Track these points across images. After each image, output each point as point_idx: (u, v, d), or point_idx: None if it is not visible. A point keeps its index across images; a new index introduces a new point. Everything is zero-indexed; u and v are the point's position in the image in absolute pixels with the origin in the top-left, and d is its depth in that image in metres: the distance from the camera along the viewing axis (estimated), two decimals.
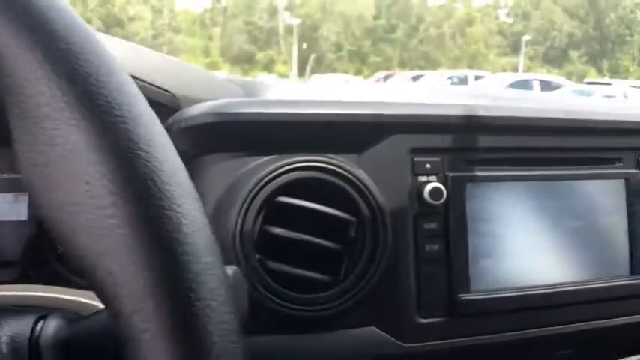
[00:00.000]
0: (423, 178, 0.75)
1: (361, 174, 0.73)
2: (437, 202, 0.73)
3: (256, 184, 0.69)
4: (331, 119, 0.73)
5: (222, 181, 0.72)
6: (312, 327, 0.71)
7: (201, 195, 0.74)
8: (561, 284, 0.79)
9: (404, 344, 0.72)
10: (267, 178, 0.69)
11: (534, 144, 0.80)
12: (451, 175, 0.75)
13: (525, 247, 0.77)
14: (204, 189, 0.72)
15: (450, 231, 0.74)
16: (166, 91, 0.75)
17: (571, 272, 0.80)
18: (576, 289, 0.79)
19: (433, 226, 0.74)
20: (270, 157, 0.72)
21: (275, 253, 0.70)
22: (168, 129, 0.73)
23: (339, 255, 0.72)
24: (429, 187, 0.73)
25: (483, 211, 0.76)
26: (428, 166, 0.75)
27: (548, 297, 0.78)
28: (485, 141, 0.78)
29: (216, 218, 0.70)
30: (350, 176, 0.71)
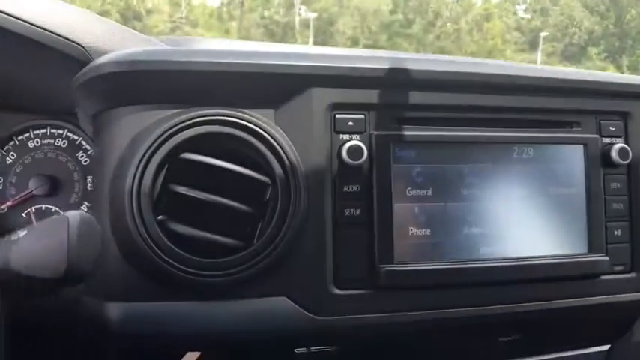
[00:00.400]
0: (345, 137, 0.69)
1: (275, 130, 0.67)
2: (355, 162, 0.67)
3: (157, 138, 0.64)
4: (242, 69, 0.67)
5: (127, 135, 0.67)
6: (218, 294, 0.65)
7: (107, 150, 0.70)
8: (503, 259, 0.72)
9: (317, 317, 0.66)
10: (169, 132, 0.64)
11: (474, 102, 0.73)
12: (376, 133, 0.69)
13: (460, 216, 0.71)
14: (110, 144, 0.67)
15: (372, 195, 0.68)
16: (77, 44, 0.71)
17: (516, 246, 0.73)
18: (521, 265, 0.72)
19: (354, 189, 0.68)
20: (177, 110, 0.66)
21: (182, 215, 0.64)
22: (78, 82, 0.70)
23: (254, 219, 0.66)
24: (347, 146, 0.67)
25: (412, 175, 0.70)
26: (350, 123, 0.69)
27: (486, 272, 0.71)
28: (416, 97, 0.71)
29: (117, 176, 0.65)
30: (261, 132, 0.66)
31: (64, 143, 0.88)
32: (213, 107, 0.66)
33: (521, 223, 0.73)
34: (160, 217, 0.64)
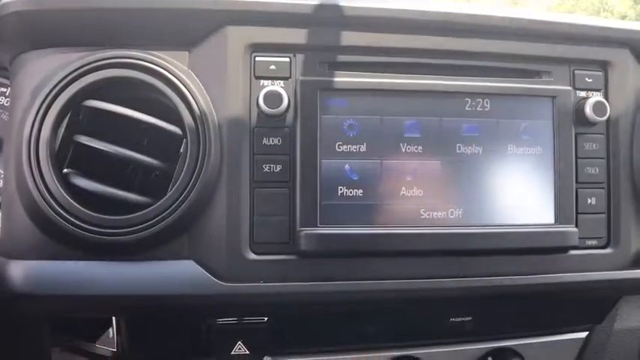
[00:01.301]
0: (266, 83, 0.60)
1: (186, 74, 0.59)
2: (274, 111, 0.58)
3: (58, 83, 0.57)
4: (151, 6, 0.59)
5: (32, 81, 0.60)
6: (122, 255, 0.58)
7: (15, 98, 0.60)
8: (448, 226, 0.62)
9: (224, 284, 0.58)
10: (71, 76, 0.57)
11: (419, 45, 0.63)
12: (302, 79, 0.60)
13: (399, 176, 0.62)
14: (18, 91, 0.61)
15: (296, 149, 0.60)
16: None
17: (465, 212, 0.63)
18: (470, 234, 0.63)
19: (275, 142, 0.60)
20: (83, 53, 0.59)
21: (88, 169, 0.59)
22: None
23: (167, 175, 0.59)
24: (264, 92, 0.58)
25: (343, 128, 0.61)
26: (272, 67, 0.60)
27: (426, 240, 0.62)
28: (350, 38, 0.62)
29: (19, 125, 0.59)
30: (169, 75, 0.58)
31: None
32: (121, 48, 0.59)
33: (473, 186, 0.64)
34: (65, 170, 0.59)
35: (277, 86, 0.59)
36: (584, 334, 0.80)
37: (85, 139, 0.57)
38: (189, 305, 0.61)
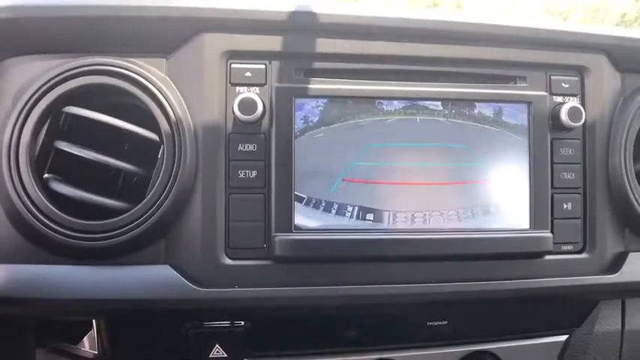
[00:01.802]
0: (241, 89, 0.61)
1: (163, 81, 0.60)
2: (248, 117, 0.59)
3: (38, 90, 0.58)
4: (128, 14, 0.60)
5: (13, 88, 0.61)
6: (99, 259, 0.59)
7: None
8: (424, 231, 0.63)
9: (199, 289, 0.59)
10: (50, 83, 0.58)
11: (393, 52, 0.64)
12: (277, 85, 0.61)
13: (377, 182, 0.62)
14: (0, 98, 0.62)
15: (271, 156, 0.60)
16: None
17: (441, 217, 0.64)
18: (446, 239, 0.63)
19: (250, 148, 0.60)
20: (63, 60, 0.60)
21: (68, 174, 0.59)
22: None
23: (145, 180, 0.60)
24: (238, 99, 0.59)
25: (320, 134, 0.61)
26: (248, 74, 0.61)
27: (401, 245, 0.62)
28: (325, 46, 0.62)
29: (0, 131, 0.59)
30: (146, 82, 0.59)
31: None
32: (99, 56, 0.60)
33: (450, 191, 0.64)
34: (45, 175, 0.59)
35: (252, 93, 0.60)
36: (563, 338, 0.80)
37: (64, 145, 0.58)
38: (165, 309, 0.62)
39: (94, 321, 0.70)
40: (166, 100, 0.59)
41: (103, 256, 0.59)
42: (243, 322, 0.65)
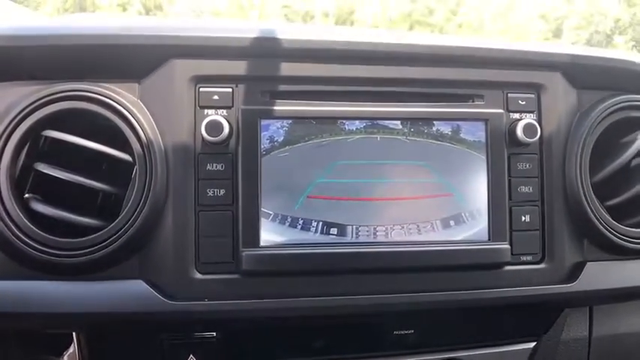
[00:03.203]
0: (210, 112, 0.64)
1: (135, 105, 0.63)
2: (215, 139, 0.62)
3: (17, 115, 0.61)
4: (99, 42, 0.64)
5: None
6: (76, 275, 0.62)
7: None
8: (387, 244, 0.66)
9: (171, 302, 0.62)
10: (29, 108, 0.61)
11: (354, 74, 0.67)
12: (243, 108, 0.64)
13: (341, 198, 0.65)
14: None
15: (238, 174, 0.63)
16: None
17: (403, 230, 0.67)
18: (409, 252, 0.66)
19: (218, 167, 0.64)
20: (40, 86, 0.63)
21: (47, 194, 0.62)
22: None
23: (119, 199, 0.63)
24: (205, 121, 0.62)
25: (285, 153, 0.64)
26: (216, 97, 0.64)
27: (364, 258, 0.65)
28: (289, 69, 0.65)
29: None
30: (118, 107, 0.62)
31: None
32: (75, 82, 0.63)
33: (410, 205, 0.67)
34: (26, 195, 0.62)
35: (219, 115, 0.63)
36: (531, 344, 0.83)
37: (43, 167, 0.61)
38: (140, 322, 0.65)
39: (74, 334, 0.73)
40: (138, 123, 0.62)
41: (80, 271, 0.62)
42: (214, 333, 0.68)
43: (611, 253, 0.75)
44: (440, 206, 0.68)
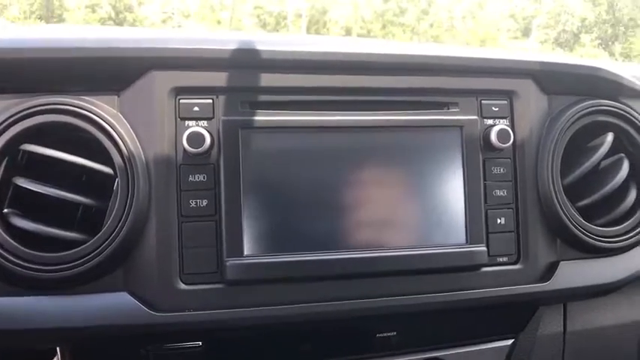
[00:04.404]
0: (190, 123, 0.64)
1: (115, 117, 0.63)
2: (197, 150, 0.62)
3: None
4: (77, 55, 0.63)
5: None
6: (59, 290, 0.62)
7: None
8: (368, 250, 0.67)
9: (156, 313, 0.62)
10: (6, 123, 0.61)
11: (333, 84, 0.68)
12: (223, 119, 0.64)
13: (319, 205, 0.66)
14: None
15: (220, 185, 0.64)
16: None
17: (384, 237, 0.68)
18: (390, 256, 0.68)
19: (200, 178, 0.64)
20: (18, 99, 0.63)
21: (28, 208, 0.62)
22: None
23: (101, 212, 0.63)
24: (186, 133, 0.62)
25: (266, 163, 0.65)
26: (196, 108, 0.65)
27: (347, 264, 0.66)
28: (268, 80, 0.66)
29: None
30: (98, 120, 0.62)
31: None
32: (53, 95, 0.62)
33: (391, 212, 0.69)
34: (5, 210, 0.62)
35: (200, 127, 0.63)
36: (509, 342, 0.86)
37: (22, 182, 0.61)
38: (125, 334, 0.64)
39: (57, 348, 0.73)
40: (118, 136, 0.62)
41: (64, 286, 0.61)
42: (200, 343, 0.68)
43: (583, 252, 0.78)
44: (419, 212, 0.69)
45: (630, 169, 0.79)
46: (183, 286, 0.63)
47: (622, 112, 0.79)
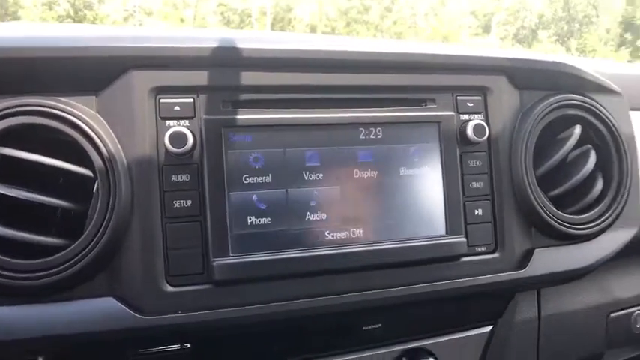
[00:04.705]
0: (171, 123, 0.64)
1: (94, 119, 0.62)
2: (180, 150, 0.62)
3: None
4: (53, 54, 0.61)
5: None
6: (41, 297, 0.60)
7: None
8: (353, 245, 0.68)
9: (143, 317, 0.61)
10: None
11: (314, 82, 0.69)
12: (205, 118, 0.64)
13: (304, 202, 0.67)
14: None
15: (204, 184, 0.64)
16: None
17: (368, 232, 0.69)
18: (373, 250, 0.69)
19: (184, 178, 0.63)
20: None
21: (4, 214, 0.59)
22: None
23: (81, 216, 0.61)
24: (168, 133, 0.62)
25: (249, 162, 0.65)
26: (177, 108, 0.64)
27: (333, 260, 0.67)
28: (250, 78, 0.66)
29: None
30: (76, 121, 0.60)
31: None
32: (28, 96, 0.60)
33: (372, 207, 0.70)
34: None
35: (182, 126, 0.63)
36: (488, 328, 0.89)
37: None
38: (112, 340, 0.63)
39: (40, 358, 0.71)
40: (98, 137, 0.61)
41: (46, 293, 0.60)
42: (189, 345, 0.68)
43: (556, 239, 0.81)
44: (401, 206, 0.71)
45: (597, 160, 0.83)
46: (169, 288, 0.63)
47: (588, 105, 0.83)
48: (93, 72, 0.62)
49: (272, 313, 0.65)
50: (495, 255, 0.77)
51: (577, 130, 0.82)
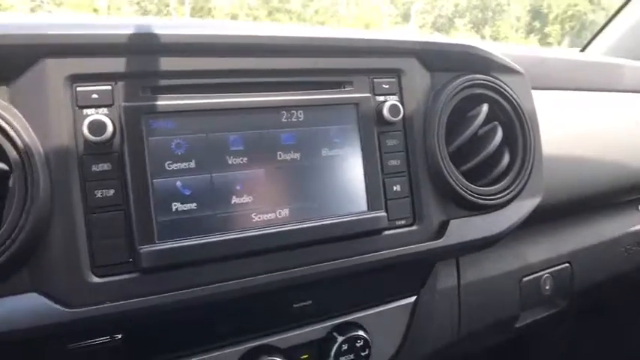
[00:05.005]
0: (89, 111, 0.62)
1: (7, 110, 0.59)
2: (99, 138, 0.61)
3: None
4: None
5: None
6: None
7: None
8: (278, 225, 0.70)
9: (69, 310, 0.60)
10: None
11: (233, 66, 0.70)
12: (124, 105, 0.63)
13: (228, 186, 0.68)
14: None
15: (126, 173, 0.63)
16: None
17: (292, 212, 0.72)
18: (298, 229, 0.71)
19: (105, 167, 0.62)
20: None
21: None
22: None
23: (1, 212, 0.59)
24: (87, 121, 0.61)
25: (171, 148, 0.65)
26: (95, 96, 0.63)
27: (259, 240, 0.69)
28: (169, 64, 0.66)
29: None
30: None
31: None
32: None
33: (297, 187, 0.72)
34: None
35: (101, 114, 0.62)
36: (413, 299, 0.94)
37: None
38: (39, 336, 0.61)
39: None
40: (12, 129, 0.58)
41: None
42: (120, 335, 0.67)
43: (469, 210, 0.87)
44: (323, 185, 0.74)
45: (504, 136, 0.89)
46: (95, 279, 0.62)
47: (494, 85, 0.90)
48: (3, 61, 0.60)
49: (201, 297, 0.66)
50: (414, 227, 0.82)
51: (485, 107, 0.88)
